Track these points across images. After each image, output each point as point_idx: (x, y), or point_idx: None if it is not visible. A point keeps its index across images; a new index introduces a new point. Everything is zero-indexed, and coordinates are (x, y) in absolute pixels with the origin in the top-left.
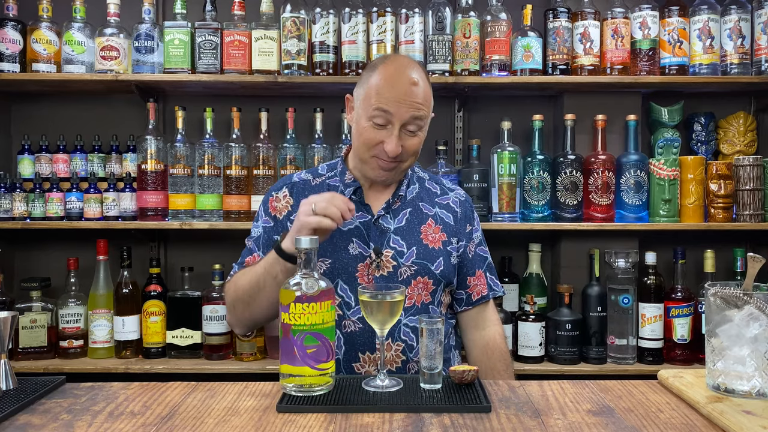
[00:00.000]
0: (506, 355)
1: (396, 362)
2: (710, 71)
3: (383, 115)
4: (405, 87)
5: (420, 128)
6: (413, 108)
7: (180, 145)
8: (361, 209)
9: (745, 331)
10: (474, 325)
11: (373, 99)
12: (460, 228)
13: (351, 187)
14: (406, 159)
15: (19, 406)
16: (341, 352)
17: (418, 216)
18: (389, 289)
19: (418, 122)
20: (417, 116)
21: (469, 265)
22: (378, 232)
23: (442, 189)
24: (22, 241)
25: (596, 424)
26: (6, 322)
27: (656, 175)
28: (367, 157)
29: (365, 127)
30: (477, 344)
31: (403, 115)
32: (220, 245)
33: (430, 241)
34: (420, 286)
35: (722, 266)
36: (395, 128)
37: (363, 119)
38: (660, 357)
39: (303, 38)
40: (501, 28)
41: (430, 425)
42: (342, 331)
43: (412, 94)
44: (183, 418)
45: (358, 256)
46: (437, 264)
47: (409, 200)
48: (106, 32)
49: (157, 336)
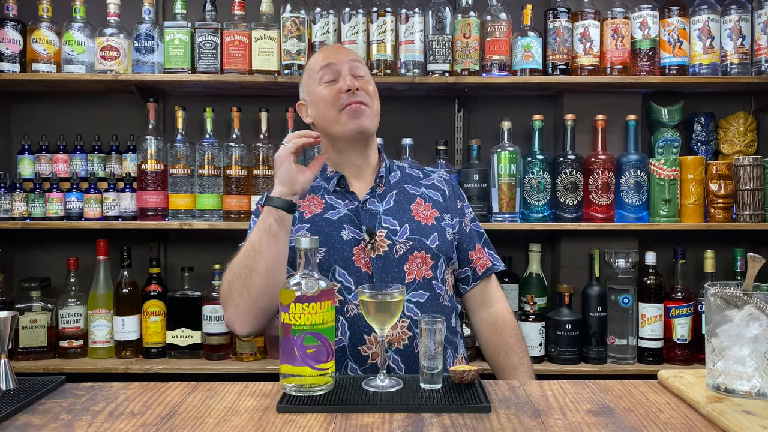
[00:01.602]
0: (516, 329)
1: (403, 339)
2: (710, 71)
3: (329, 68)
4: (339, 48)
5: (367, 77)
6: (352, 57)
7: (180, 145)
8: (347, 197)
9: (745, 331)
10: (480, 303)
11: (316, 66)
12: (451, 205)
13: (333, 178)
14: (369, 101)
15: (19, 406)
16: (346, 337)
17: (405, 196)
18: (389, 289)
19: (362, 69)
20: (357, 61)
21: (468, 240)
22: (368, 215)
23: (424, 173)
24: (22, 241)
25: (596, 424)
26: (6, 322)
27: (656, 175)
28: (335, 114)
29: (320, 91)
30: (486, 322)
31: (344, 59)
32: (220, 245)
33: (422, 218)
34: (418, 261)
35: (722, 266)
36: (344, 69)
37: (316, 89)
38: (660, 357)
39: (303, 38)
40: (501, 28)
41: (430, 425)
42: (345, 316)
43: (348, 52)
44: (183, 418)
45: (352, 241)
46: (432, 238)
47: (393, 184)
48: (106, 32)
49: (157, 336)
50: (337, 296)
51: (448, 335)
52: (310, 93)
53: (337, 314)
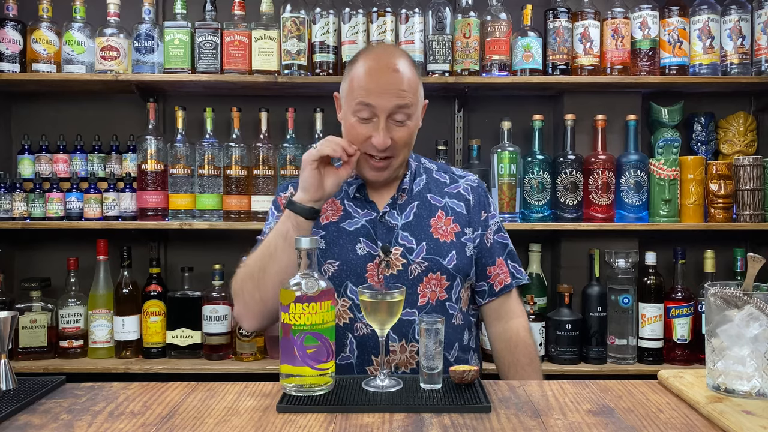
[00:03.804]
0: (530, 348)
1: (410, 364)
2: (710, 71)
3: (366, 108)
4: (386, 76)
5: (408, 117)
6: (397, 97)
7: (180, 145)
8: (366, 207)
9: (745, 331)
10: (496, 317)
11: (355, 92)
12: (474, 216)
13: (354, 185)
14: (398, 153)
15: (19, 406)
16: (354, 356)
17: (426, 209)
18: (389, 290)
19: (405, 111)
20: (402, 105)
21: (488, 255)
22: (385, 229)
23: (451, 178)
24: (22, 241)
25: (596, 424)
26: (6, 322)
27: (656, 175)
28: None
29: (351, 123)
30: (500, 338)
31: (386, 106)
32: (220, 245)
33: (441, 234)
34: (433, 283)
35: (722, 266)
36: (381, 120)
37: (348, 115)
38: (660, 357)
39: (303, 38)
40: (501, 28)
41: (430, 425)
42: (354, 335)
43: (395, 82)
44: (183, 418)
45: (367, 256)
46: (449, 258)
47: (416, 193)
48: (106, 32)
49: (157, 336)
50: (347, 313)
51: (460, 354)
52: (344, 106)
53: (346, 331)
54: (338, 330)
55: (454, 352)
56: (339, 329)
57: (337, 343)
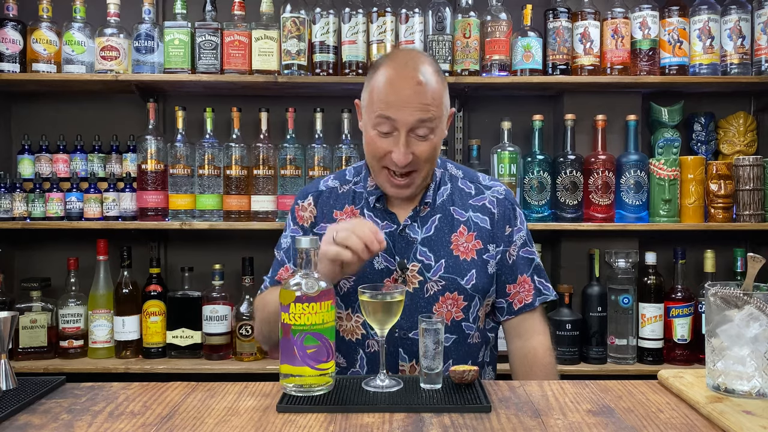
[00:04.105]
0: (548, 368)
1: None
2: (710, 71)
3: (387, 122)
4: (408, 88)
5: (432, 131)
6: (420, 110)
7: (180, 145)
8: (386, 218)
9: (745, 331)
10: (516, 334)
11: (375, 105)
12: (498, 232)
13: (374, 195)
14: (420, 168)
15: (19, 406)
16: (363, 371)
17: (448, 223)
18: (390, 289)
19: (428, 125)
20: (425, 119)
21: (509, 272)
22: (404, 243)
23: (477, 188)
24: (22, 241)
25: (596, 424)
26: (6, 322)
27: (656, 175)
28: (377, 168)
29: (371, 136)
30: (518, 355)
31: (407, 120)
32: (220, 245)
33: (462, 251)
34: (449, 303)
35: (722, 266)
36: (402, 135)
37: (369, 127)
38: (660, 357)
39: (303, 38)
40: (501, 28)
41: (430, 425)
42: (365, 351)
43: (417, 95)
44: (183, 418)
45: (384, 271)
46: (468, 277)
47: (438, 205)
48: (106, 32)
49: (157, 336)
50: (360, 329)
51: None
52: (364, 116)
53: (357, 347)
54: (350, 346)
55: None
56: (351, 345)
57: (347, 359)
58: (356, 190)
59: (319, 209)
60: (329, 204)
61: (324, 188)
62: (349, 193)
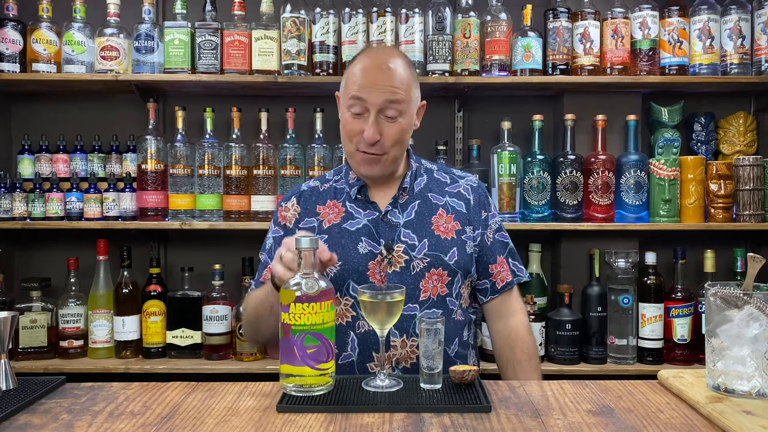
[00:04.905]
0: (529, 344)
1: (411, 358)
2: (710, 71)
3: (358, 102)
4: (378, 72)
5: (400, 114)
6: (388, 92)
7: (180, 145)
8: (368, 207)
9: (745, 331)
10: (498, 314)
11: (349, 88)
12: (474, 215)
13: (355, 186)
14: (388, 149)
15: (19, 406)
16: (355, 353)
17: (427, 207)
18: (389, 290)
19: (396, 107)
20: (393, 100)
21: (489, 253)
22: (387, 227)
23: (452, 178)
24: (22, 241)
25: (596, 424)
26: (6, 322)
27: (656, 175)
28: (351, 149)
29: (345, 118)
30: (500, 335)
31: (376, 100)
32: (220, 245)
33: (442, 231)
34: (435, 278)
35: (722, 266)
36: (371, 114)
37: (344, 110)
38: (660, 357)
39: (303, 38)
40: (501, 28)
41: (430, 425)
42: (356, 332)
43: (387, 78)
44: (183, 418)
45: (368, 255)
46: (451, 254)
47: (417, 192)
48: (106, 32)
49: (157, 336)
50: (349, 311)
51: (459, 349)
52: (341, 104)
53: (348, 330)
54: (340, 329)
55: (454, 347)
56: (341, 328)
57: (338, 343)
58: (337, 186)
59: (302, 206)
60: (312, 201)
61: (306, 188)
62: (330, 189)
